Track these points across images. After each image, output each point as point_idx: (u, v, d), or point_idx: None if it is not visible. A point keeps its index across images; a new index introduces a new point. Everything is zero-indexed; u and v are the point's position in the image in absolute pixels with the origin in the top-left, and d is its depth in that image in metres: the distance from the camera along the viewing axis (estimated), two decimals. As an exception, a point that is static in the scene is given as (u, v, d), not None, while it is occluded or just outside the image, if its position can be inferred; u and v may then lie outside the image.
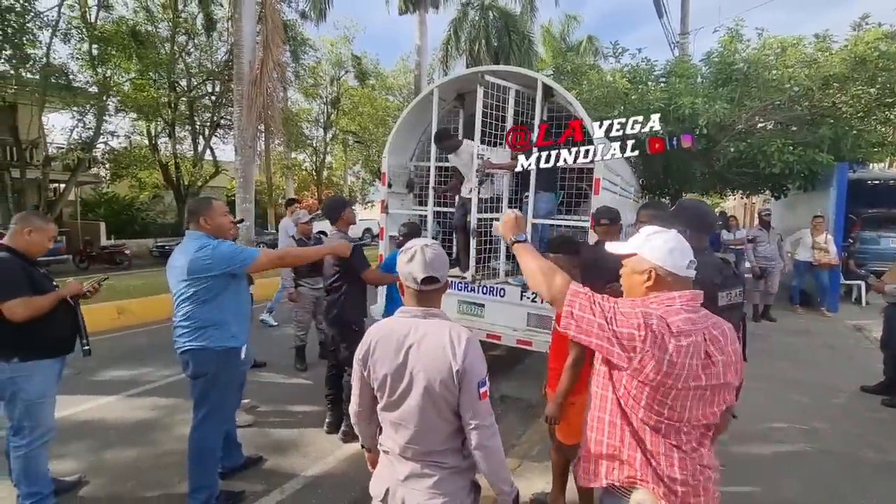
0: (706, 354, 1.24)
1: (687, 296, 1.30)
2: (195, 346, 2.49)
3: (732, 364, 1.30)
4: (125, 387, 4.25)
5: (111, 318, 6.41)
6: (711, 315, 1.35)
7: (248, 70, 9.71)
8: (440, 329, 1.45)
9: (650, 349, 1.21)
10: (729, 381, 1.29)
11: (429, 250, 1.48)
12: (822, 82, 6.76)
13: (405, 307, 1.53)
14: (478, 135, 4.22)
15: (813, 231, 7.25)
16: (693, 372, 1.22)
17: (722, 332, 1.31)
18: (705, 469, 1.30)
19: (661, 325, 1.23)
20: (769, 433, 3.52)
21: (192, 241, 2.48)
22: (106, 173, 18.77)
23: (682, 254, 1.32)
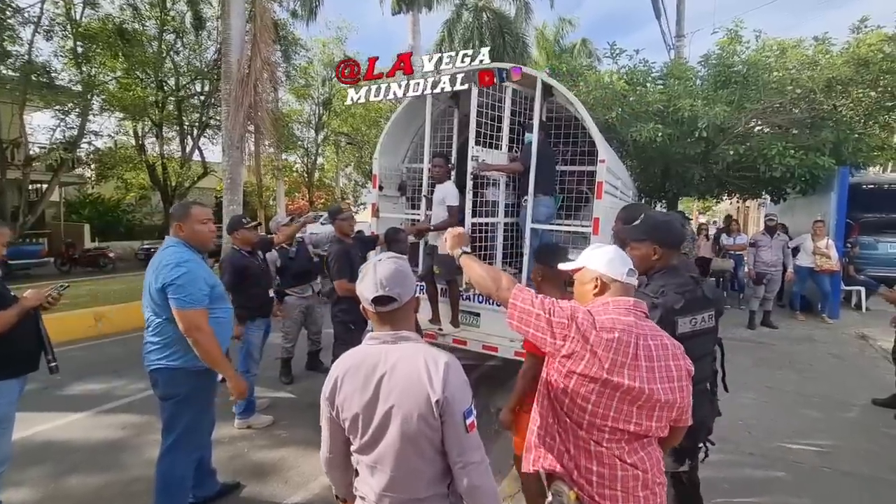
0: (633, 356, 1.30)
1: (621, 302, 1.38)
2: (165, 365, 2.26)
3: (668, 380, 1.32)
4: (96, 402, 3.96)
5: (88, 326, 6.10)
6: (655, 327, 1.40)
7: (237, 69, 9.43)
8: (413, 354, 1.25)
9: (575, 336, 1.32)
10: (664, 398, 1.31)
11: (383, 265, 1.29)
12: (826, 84, 6.63)
13: (373, 332, 1.34)
14: (472, 135, 4.02)
15: (814, 236, 7.12)
16: (616, 368, 1.28)
17: (661, 345, 1.35)
18: (628, 466, 1.34)
19: (587, 318, 1.34)
20: (784, 453, 3.33)
21: (165, 250, 2.26)
22: (91, 174, 18.30)
23: (622, 262, 1.43)
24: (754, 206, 17.22)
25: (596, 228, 3.77)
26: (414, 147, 5.19)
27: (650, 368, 1.32)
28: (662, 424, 1.35)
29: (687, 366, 1.38)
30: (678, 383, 1.35)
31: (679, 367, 1.36)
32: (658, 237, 1.77)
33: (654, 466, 1.38)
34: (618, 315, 1.35)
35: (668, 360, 1.35)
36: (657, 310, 1.65)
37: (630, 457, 1.34)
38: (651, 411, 1.32)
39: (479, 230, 4.28)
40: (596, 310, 1.38)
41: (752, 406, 4.11)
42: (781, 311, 7.23)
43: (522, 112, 4.42)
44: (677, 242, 1.79)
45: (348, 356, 1.33)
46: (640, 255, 1.79)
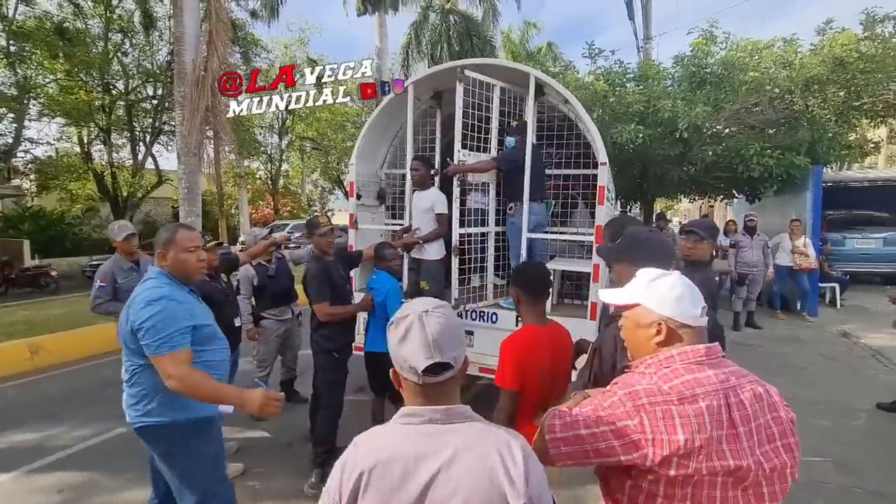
0: (729, 423, 0.98)
1: (690, 354, 1.05)
2: (147, 422, 1.83)
3: (769, 440, 1.01)
4: (27, 458, 3.32)
5: (22, 359, 5.33)
6: (738, 371, 1.09)
7: (192, 69, 8.75)
8: (479, 441, 0.90)
9: (653, 434, 0.97)
10: (769, 466, 0.99)
11: (433, 320, 0.94)
12: (804, 84, 6.68)
13: (409, 409, 0.96)
14: (458, 137, 3.67)
15: (791, 235, 7.16)
16: (714, 447, 0.96)
17: (754, 395, 1.04)
18: None
19: (654, 395, 1.00)
20: (809, 472, 3.11)
21: (143, 284, 1.87)
22: (30, 185, 16.84)
23: (693, 300, 1.09)
24: (719, 205, 17.68)
25: (599, 237, 3.48)
26: (393, 151, 4.79)
27: (749, 433, 1.00)
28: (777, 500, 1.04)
29: (789, 415, 1.09)
30: (782, 441, 1.04)
31: (779, 419, 1.06)
32: (636, 257, 1.51)
33: None
34: (692, 374, 1.02)
35: (766, 412, 1.04)
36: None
37: None
38: (759, 488, 1.02)
39: (468, 241, 3.93)
40: (663, 375, 1.03)
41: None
42: (761, 311, 7.22)
43: (512, 112, 4.10)
44: (666, 262, 1.51)
45: (372, 441, 0.95)
46: (618, 277, 1.58)
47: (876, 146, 9.86)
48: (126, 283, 3.42)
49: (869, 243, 9.24)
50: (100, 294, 3.37)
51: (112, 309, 3.38)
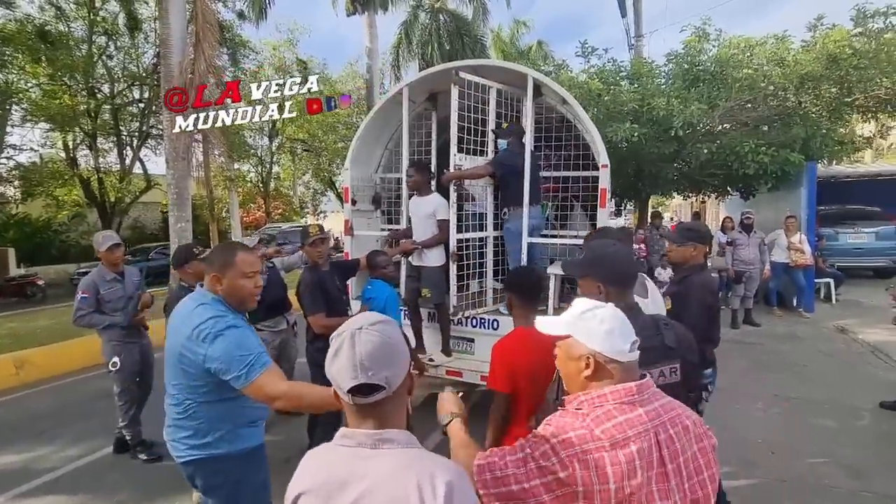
0: (659, 462, 0.99)
1: (622, 392, 1.03)
2: (204, 455, 1.72)
3: (696, 472, 1.03)
4: (13, 481, 3.19)
5: (8, 375, 5.17)
6: (666, 402, 1.08)
7: (178, 72, 8.56)
8: (400, 471, 0.86)
9: (584, 485, 0.95)
10: (701, 495, 1.02)
11: (364, 338, 0.90)
12: (799, 81, 6.68)
13: (347, 431, 0.94)
14: (454, 141, 3.59)
15: (786, 231, 7.17)
16: (645, 491, 0.95)
17: (682, 428, 1.05)
18: None
19: (587, 443, 0.97)
20: (816, 476, 3.08)
21: (195, 311, 1.67)
22: (14, 192, 16.49)
23: (623, 335, 1.07)
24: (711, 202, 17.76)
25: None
26: (388, 155, 4.70)
27: (677, 470, 1.00)
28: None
29: (711, 442, 1.10)
30: (708, 472, 1.05)
31: (704, 449, 1.07)
32: (601, 273, 1.49)
33: None
34: (624, 414, 1.00)
35: (693, 444, 1.05)
36: None
37: None
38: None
39: (466, 246, 3.86)
40: (595, 418, 1.01)
41: (766, 420, 3.90)
42: (758, 308, 7.22)
43: (509, 114, 4.02)
44: (625, 278, 1.50)
45: (313, 461, 0.96)
46: (583, 293, 1.53)
47: (868, 141, 9.92)
48: (109, 293, 3.32)
49: (861, 238, 9.29)
50: (82, 306, 3.25)
51: (94, 322, 3.27)
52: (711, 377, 2.49)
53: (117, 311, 3.32)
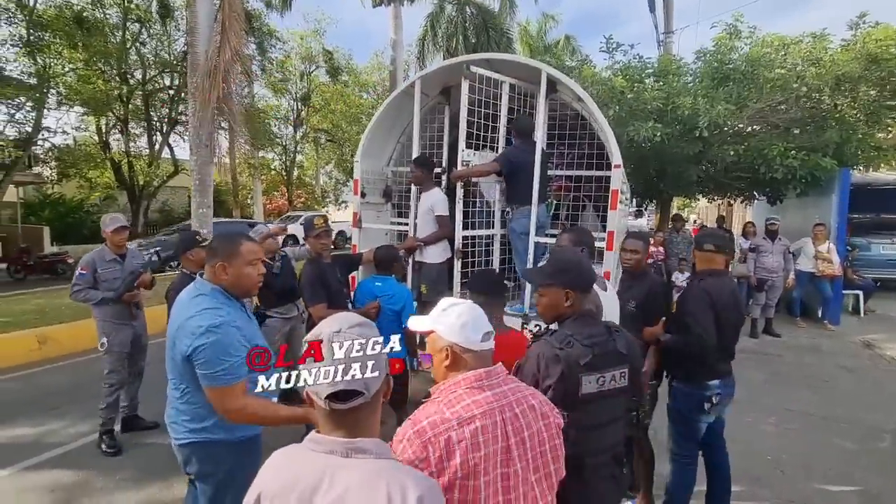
0: (503, 436, 1.14)
1: (471, 377, 1.18)
2: (201, 438, 1.75)
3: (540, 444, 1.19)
4: (23, 454, 3.31)
5: (29, 350, 5.38)
6: (516, 386, 1.23)
7: (204, 60, 8.70)
8: (371, 480, 0.84)
9: (437, 464, 1.07)
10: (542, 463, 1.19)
11: (342, 339, 0.89)
12: (835, 82, 6.34)
13: (316, 435, 0.92)
14: (462, 136, 3.53)
15: (814, 240, 6.86)
16: (491, 461, 1.11)
17: (528, 407, 1.20)
18: None
19: (437, 426, 1.10)
20: (827, 500, 2.94)
21: (193, 300, 1.70)
22: (50, 173, 17.14)
23: (475, 327, 1.20)
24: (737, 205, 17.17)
25: (610, 243, 3.32)
26: (400, 148, 4.67)
27: (520, 442, 1.16)
28: (551, 498, 1.22)
29: (556, 421, 1.25)
30: (550, 444, 1.22)
31: (549, 426, 1.22)
32: (568, 280, 1.57)
33: None
34: (472, 396, 1.15)
35: (538, 421, 1.20)
36: (559, 364, 1.45)
37: None
38: (528, 489, 1.17)
39: (472, 243, 3.80)
40: (447, 402, 1.15)
41: (778, 435, 3.74)
42: (780, 318, 6.94)
43: (521, 110, 3.94)
44: (589, 284, 1.59)
45: (280, 462, 0.94)
46: (549, 301, 1.62)
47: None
48: (106, 273, 3.37)
49: (896, 248, 8.83)
50: (79, 281, 3.34)
51: (89, 297, 3.35)
52: (720, 388, 2.39)
53: (111, 291, 3.37)
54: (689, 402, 2.42)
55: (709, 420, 2.45)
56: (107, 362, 3.43)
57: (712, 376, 2.38)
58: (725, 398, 2.45)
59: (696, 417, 2.43)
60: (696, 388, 2.40)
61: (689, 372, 2.43)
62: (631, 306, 2.58)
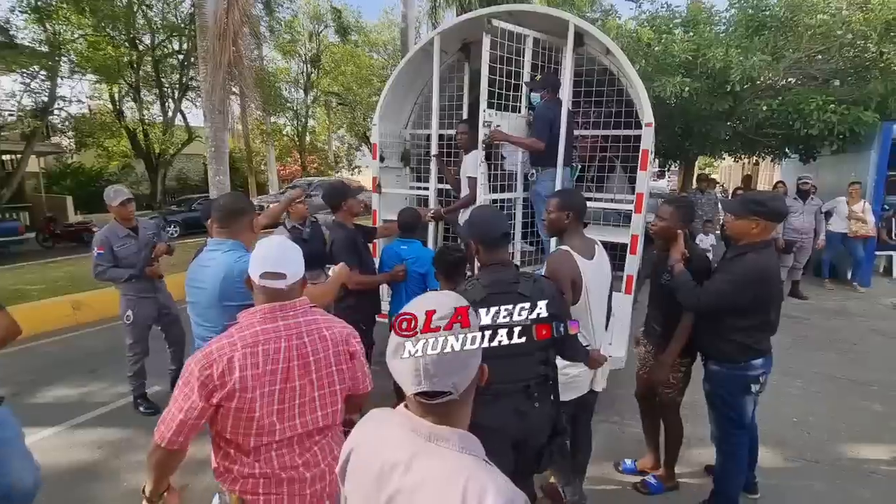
0: (286, 359, 1.33)
1: (266, 309, 1.37)
2: None
3: (326, 365, 1.40)
4: (68, 413, 3.49)
5: (65, 315, 5.59)
6: (313, 321, 1.42)
7: (213, 22, 8.47)
8: (449, 476, 0.77)
9: (219, 378, 1.27)
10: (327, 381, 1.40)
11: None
12: (884, 28, 5.88)
13: (403, 409, 0.89)
14: (484, 95, 3.37)
15: (849, 199, 6.59)
16: (268, 378, 1.30)
17: (320, 338, 1.40)
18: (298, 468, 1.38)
19: (223, 348, 1.30)
20: (855, 461, 2.93)
21: (222, 251, 1.88)
22: (69, 142, 17.30)
23: (263, 260, 1.38)
24: (765, 164, 16.51)
25: (639, 206, 3.22)
26: (418, 110, 4.53)
27: (303, 365, 1.36)
28: (331, 410, 1.42)
29: (350, 348, 1.45)
30: (337, 367, 1.42)
31: (338, 353, 1.42)
32: (474, 235, 1.80)
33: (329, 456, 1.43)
34: (263, 325, 1.34)
35: (329, 348, 1.40)
36: None
37: (301, 457, 1.38)
38: (312, 403, 1.38)
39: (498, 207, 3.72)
40: (239, 328, 1.35)
41: (804, 397, 3.72)
42: (807, 280, 6.77)
43: (546, 66, 3.74)
44: (493, 239, 1.76)
45: (374, 424, 0.94)
46: (470, 253, 1.98)
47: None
48: (123, 250, 3.29)
49: (935, 208, 8.44)
50: (99, 262, 3.27)
51: (114, 275, 3.29)
52: (765, 367, 2.22)
53: (133, 266, 3.32)
54: (733, 385, 2.23)
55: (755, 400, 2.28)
56: (129, 334, 3.46)
57: (757, 354, 2.19)
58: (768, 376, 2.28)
59: (742, 402, 2.24)
60: (740, 368, 2.20)
61: (728, 351, 2.21)
62: (665, 279, 2.43)
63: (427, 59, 3.90)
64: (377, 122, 4.17)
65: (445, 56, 4.08)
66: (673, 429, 2.61)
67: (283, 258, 1.39)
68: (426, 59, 3.92)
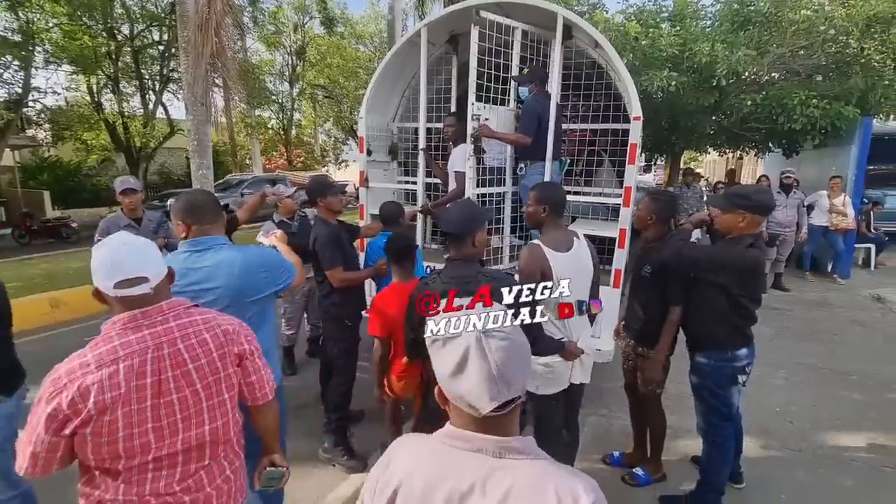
0: (154, 372, 1.18)
1: (125, 318, 1.19)
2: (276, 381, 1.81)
3: (213, 372, 1.25)
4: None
5: (43, 313, 5.44)
6: (189, 322, 1.26)
7: (194, 11, 8.26)
8: (537, 483, 0.75)
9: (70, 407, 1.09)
10: (215, 391, 1.26)
11: (496, 343, 0.77)
12: (866, 24, 5.97)
13: (456, 431, 0.81)
14: (472, 88, 3.34)
15: (830, 193, 6.71)
16: (134, 397, 1.15)
17: (199, 341, 1.25)
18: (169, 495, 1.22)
19: (74, 371, 1.12)
20: (836, 449, 3.00)
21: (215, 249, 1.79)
22: (45, 136, 16.78)
23: (111, 270, 1.16)
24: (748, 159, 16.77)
25: (627, 199, 3.22)
26: (405, 102, 4.48)
27: (181, 375, 1.21)
28: (221, 422, 1.28)
29: (237, 349, 1.31)
30: (224, 373, 1.28)
31: (224, 355, 1.28)
32: (446, 230, 1.88)
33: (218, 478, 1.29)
34: (123, 338, 1.16)
35: (211, 352, 1.25)
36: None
37: (181, 483, 1.23)
38: (200, 416, 1.23)
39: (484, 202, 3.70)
40: (94, 346, 1.16)
41: (787, 388, 3.79)
42: (789, 272, 6.91)
43: (535, 59, 3.72)
44: (456, 235, 1.84)
45: (418, 457, 0.84)
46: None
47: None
48: None
49: (911, 201, 8.68)
50: None
51: None
52: (749, 357, 2.27)
53: None
54: (721, 376, 2.27)
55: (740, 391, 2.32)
56: None
57: (744, 340, 2.25)
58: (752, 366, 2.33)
59: (728, 393, 2.28)
60: (726, 360, 2.24)
61: (720, 335, 2.24)
62: (646, 271, 2.46)
63: (414, 52, 3.84)
64: (364, 115, 4.10)
65: (433, 48, 4.04)
66: (656, 420, 2.64)
67: (140, 259, 1.19)
68: (413, 51, 3.86)
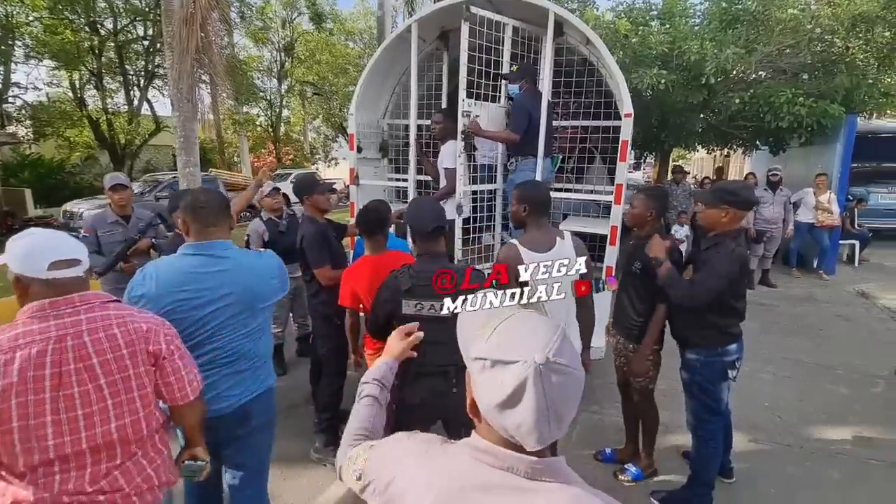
0: (55, 364, 1.15)
1: (34, 307, 1.17)
2: (262, 388, 1.85)
3: (121, 370, 1.24)
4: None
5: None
6: (100, 318, 1.23)
7: (179, 5, 8.10)
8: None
9: None
10: (123, 388, 1.24)
11: (554, 377, 0.67)
12: (851, 23, 6.04)
13: (486, 444, 0.75)
14: (463, 84, 3.31)
15: (816, 190, 6.81)
16: (29, 387, 1.13)
17: (106, 336, 1.22)
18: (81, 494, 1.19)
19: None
20: (824, 442, 3.04)
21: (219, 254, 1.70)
22: (26, 132, 16.40)
23: (45, 252, 1.18)
24: (736, 156, 16.98)
25: (618, 197, 3.22)
26: (395, 99, 4.44)
27: (84, 369, 1.18)
28: (131, 420, 1.25)
29: (152, 348, 1.29)
30: (134, 371, 1.26)
31: (134, 352, 1.25)
32: (410, 226, 1.95)
33: (138, 477, 1.27)
34: (28, 326, 1.15)
35: (121, 348, 1.24)
36: (389, 288, 1.84)
37: (93, 484, 1.20)
38: (105, 414, 1.21)
39: (476, 199, 3.69)
40: (3, 331, 1.15)
41: (775, 383, 3.83)
42: (775, 268, 6.99)
43: (525, 55, 3.70)
44: (425, 232, 1.88)
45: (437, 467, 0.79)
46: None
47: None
48: (107, 236, 3.13)
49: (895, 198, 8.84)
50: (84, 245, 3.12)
51: (92, 262, 3.12)
52: (738, 352, 2.29)
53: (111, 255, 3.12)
54: (711, 372, 2.28)
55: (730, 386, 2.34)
56: None
57: (732, 338, 2.26)
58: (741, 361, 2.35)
59: (719, 388, 2.30)
60: (717, 355, 2.26)
61: (710, 337, 2.25)
62: (636, 267, 2.46)
63: (404, 48, 3.80)
64: (354, 112, 4.06)
65: (423, 44, 4.00)
66: (649, 416, 2.65)
67: (71, 244, 1.23)
68: (404, 47, 3.82)
